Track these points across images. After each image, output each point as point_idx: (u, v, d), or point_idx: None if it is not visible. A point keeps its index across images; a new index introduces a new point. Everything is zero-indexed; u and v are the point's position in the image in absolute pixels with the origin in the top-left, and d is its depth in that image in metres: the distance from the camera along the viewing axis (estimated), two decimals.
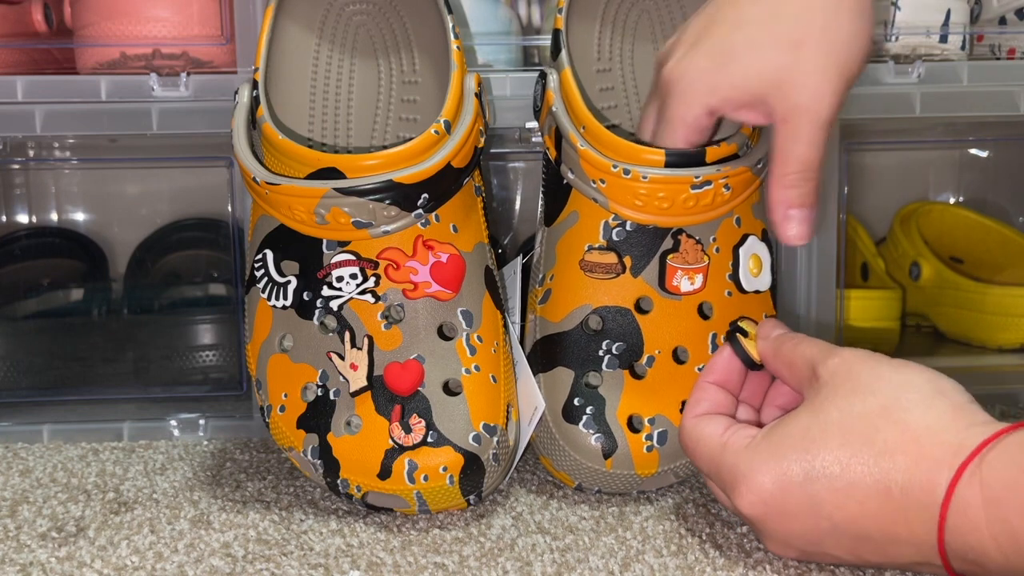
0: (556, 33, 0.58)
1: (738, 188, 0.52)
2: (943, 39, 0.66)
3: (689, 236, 0.53)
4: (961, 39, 0.67)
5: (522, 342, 0.57)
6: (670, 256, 0.53)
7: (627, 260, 0.53)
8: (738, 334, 0.50)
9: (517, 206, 0.85)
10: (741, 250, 0.54)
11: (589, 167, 0.52)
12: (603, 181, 0.52)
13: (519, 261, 0.61)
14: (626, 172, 0.51)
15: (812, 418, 0.42)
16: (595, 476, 0.52)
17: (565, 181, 0.55)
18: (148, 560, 0.46)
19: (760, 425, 0.47)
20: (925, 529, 0.39)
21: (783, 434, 0.43)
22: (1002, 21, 0.72)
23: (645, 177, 0.50)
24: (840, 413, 0.42)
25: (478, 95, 0.54)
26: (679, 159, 0.50)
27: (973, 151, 0.96)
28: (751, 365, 0.49)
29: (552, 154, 0.56)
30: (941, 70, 0.65)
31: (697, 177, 0.50)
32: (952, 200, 0.96)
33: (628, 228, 0.53)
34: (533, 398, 0.54)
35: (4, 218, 0.88)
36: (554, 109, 0.55)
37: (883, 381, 0.42)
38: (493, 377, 0.52)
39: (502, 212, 0.84)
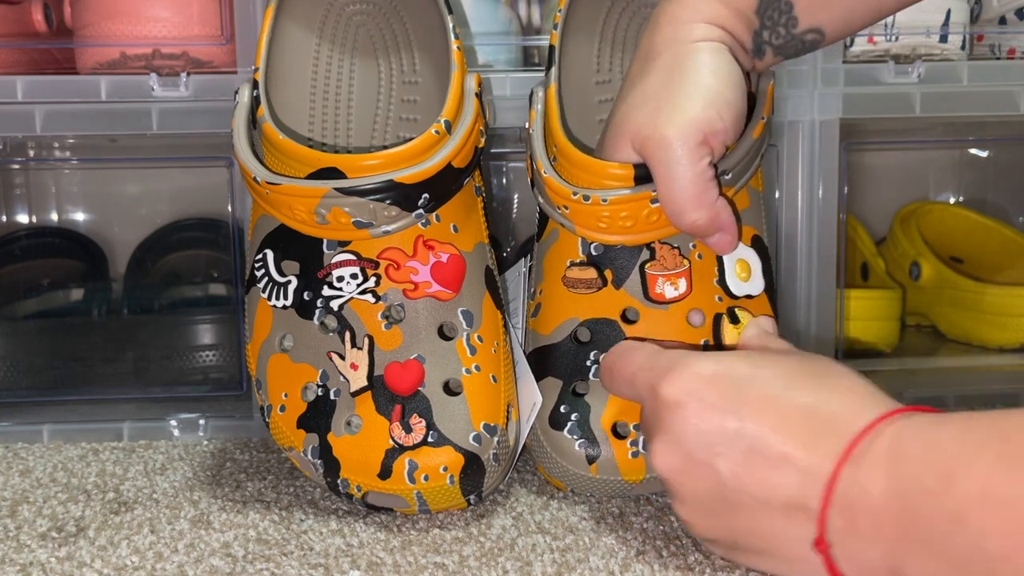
0: (551, 49, 0.59)
1: None
2: (943, 39, 0.66)
3: (664, 243, 0.53)
4: (961, 39, 0.67)
5: (523, 348, 0.57)
6: (648, 265, 0.53)
7: (608, 273, 0.53)
8: (726, 317, 0.50)
9: (517, 206, 0.85)
10: (725, 256, 0.54)
11: (553, 194, 0.53)
12: (567, 207, 0.52)
13: (524, 263, 0.61)
14: (586, 198, 0.51)
15: (763, 354, 0.45)
16: (583, 482, 0.53)
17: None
18: (148, 560, 0.46)
19: None
20: (828, 451, 0.38)
21: (739, 352, 0.44)
22: (1002, 21, 0.72)
23: (605, 200, 0.51)
24: (797, 357, 0.44)
25: (478, 95, 0.55)
26: (647, 172, 0.50)
27: (973, 151, 0.96)
28: (719, 347, 0.50)
29: (529, 175, 0.56)
30: (941, 70, 0.65)
31: (655, 191, 0.50)
32: (952, 200, 0.96)
33: None
34: (531, 394, 0.54)
35: (4, 218, 0.88)
36: (531, 131, 0.55)
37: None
38: (493, 377, 0.52)
39: (502, 212, 0.84)
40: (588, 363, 0.54)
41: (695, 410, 0.41)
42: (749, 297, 0.55)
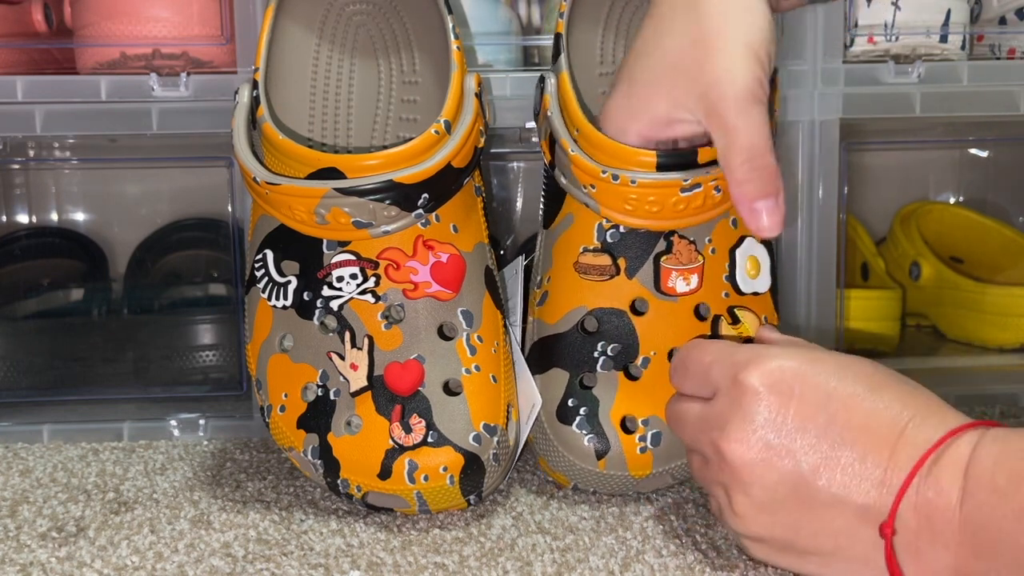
0: (557, 37, 0.58)
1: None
2: (943, 39, 0.66)
3: (682, 237, 0.53)
4: (961, 39, 0.67)
5: (523, 344, 0.57)
6: (663, 258, 0.53)
7: (621, 262, 0.53)
8: (725, 316, 0.49)
9: (518, 206, 0.85)
10: (738, 252, 0.54)
11: (580, 172, 0.52)
12: (593, 187, 0.52)
13: (520, 261, 0.61)
14: (615, 177, 0.51)
15: (834, 354, 0.44)
16: (589, 477, 0.53)
17: (559, 185, 0.55)
18: (148, 560, 0.46)
19: None
20: (908, 455, 0.39)
21: (811, 349, 0.44)
22: (1002, 21, 0.72)
23: (634, 182, 0.51)
24: (861, 360, 0.43)
25: (478, 95, 0.55)
26: (670, 160, 0.50)
27: (973, 151, 0.96)
28: None
29: (547, 158, 0.56)
30: (941, 70, 0.65)
31: (686, 180, 0.50)
32: (952, 200, 0.96)
33: (622, 230, 0.53)
34: (531, 395, 0.54)
35: (4, 218, 0.88)
36: (549, 113, 0.55)
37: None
38: (493, 377, 0.52)
39: (502, 212, 0.84)
40: (595, 354, 0.53)
41: (782, 400, 0.41)
42: (756, 294, 0.55)
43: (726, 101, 0.47)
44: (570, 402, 0.53)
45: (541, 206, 0.58)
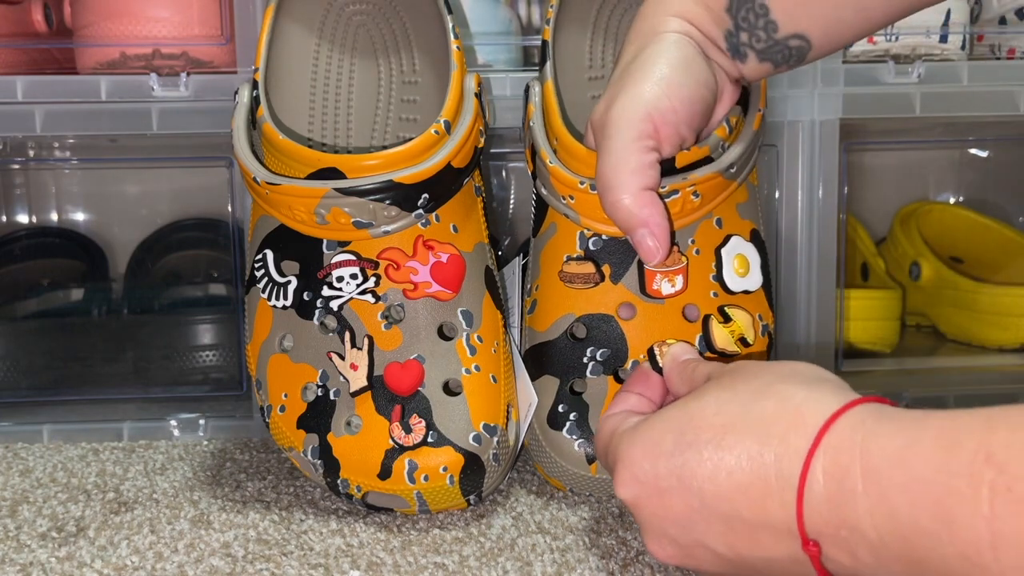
0: (544, 44, 0.58)
1: (709, 194, 0.52)
2: (943, 39, 0.66)
3: None
4: (961, 39, 0.67)
5: (519, 350, 0.57)
6: None
7: (605, 269, 0.53)
8: (716, 316, 0.48)
9: (516, 206, 0.85)
10: (723, 251, 0.54)
11: (559, 184, 0.53)
12: (572, 197, 0.52)
13: (519, 261, 0.61)
14: (593, 188, 0.51)
15: (694, 400, 0.40)
16: (582, 482, 0.53)
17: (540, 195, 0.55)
18: (148, 560, 0.46)
19: None
20: (788, 498, 0.36)
21: (663, 415, 0.41)
22: (1002, 21, 0.72)
23: None
24: (721, 390, 0.40)
25: (478, 95, 0.55)
26: None
27: (973, 151, 0.96)
28: (711, 345, 0.48)
29: (529, 167, 0.56)
30: (941, 70, 0.65)
31: (663, 187, 0.50)
32: (952, 200, 0.96)
33: (604, 237, 0.53)
34: (527, 394, 0.54)
35: (4, 218, 0.88)
36: (532, 124, 0.55)
37: (767, 368, 0.40)
38: (493, 377, 0.52)
39: (502, 212, 0.84)
40: (585, 360, 0.54)
41: (657, 504, 0.39)
42: (746, 293, 0.55)
43: (600, 133, 0.48)
44: (560, 407, 0.53)
45: (532, 212, 0.59)
